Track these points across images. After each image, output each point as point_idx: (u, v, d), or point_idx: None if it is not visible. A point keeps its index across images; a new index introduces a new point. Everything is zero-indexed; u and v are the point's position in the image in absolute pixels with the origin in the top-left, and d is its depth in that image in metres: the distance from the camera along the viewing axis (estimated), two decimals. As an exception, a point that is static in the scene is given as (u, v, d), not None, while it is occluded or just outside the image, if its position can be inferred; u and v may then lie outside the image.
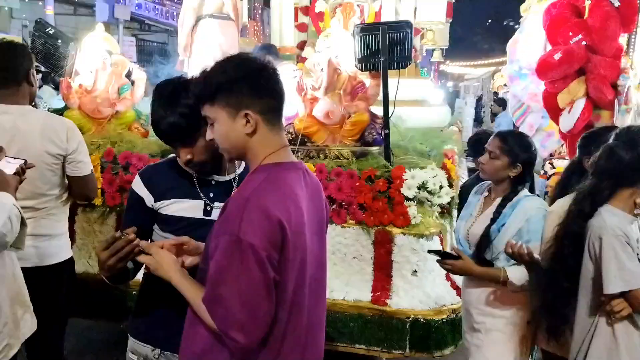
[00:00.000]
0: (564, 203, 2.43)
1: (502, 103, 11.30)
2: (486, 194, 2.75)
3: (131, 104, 4.31)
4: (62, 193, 2.71)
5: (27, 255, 2.42)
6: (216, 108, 1.57)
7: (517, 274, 2.43)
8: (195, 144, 1.86)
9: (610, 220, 2.16)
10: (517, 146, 2.58)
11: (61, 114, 3.67)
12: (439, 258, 2.58)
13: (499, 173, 2.60)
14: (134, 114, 4.33)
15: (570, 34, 3.64)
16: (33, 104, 2.76)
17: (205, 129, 1.66)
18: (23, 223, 2.00)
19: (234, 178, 2.02)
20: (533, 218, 2.46)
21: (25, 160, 2.15)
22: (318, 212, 1.71)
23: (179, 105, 1.82)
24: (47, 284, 2.61)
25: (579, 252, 2.23)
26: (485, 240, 2.54)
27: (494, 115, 12.07)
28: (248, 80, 1.56)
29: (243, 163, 2.06)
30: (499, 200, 2.61)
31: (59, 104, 4.57)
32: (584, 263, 2.22)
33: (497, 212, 2.55)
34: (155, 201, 1.96)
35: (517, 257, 2.35)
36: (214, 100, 1.57)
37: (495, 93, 15.79)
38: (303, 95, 3.80)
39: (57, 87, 5.83)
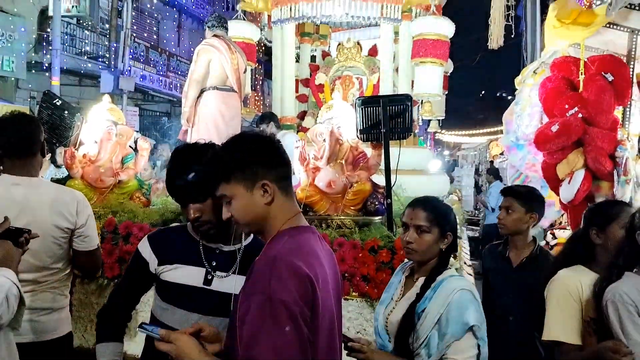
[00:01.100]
0: (570, 274, 2.41)
1: (494, 172, 11.43)
2: (407, 273, 2.31)
3: (134, 174, 4.35)
4: (65, 267, 2.66)
5: (24, 330, 2.29)
6: (233, 185, 1.62)
7: None
8: (205, 202, 1.93)
9: (625, 286, 2.14)
10: (443, 212, 2.23)
11: (63, 184, 3.69)
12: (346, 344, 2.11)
13: (431, 249, 2.17)
14: (137, 183, 4.36)
15: (567, 106, 3.73)
16: None
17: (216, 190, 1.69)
18: (22, 302, 1.93)
19: (239, 249, 2.02)
20: (453, 304, 2.01)
21: (29, 231, 2.13)
22: (335, 277, 1.71)
23: (195, 164, 1.92)
24: None
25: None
26: (404, 329, 2.09)
27: (489, 184, 12.18)
28: (261, 153, 1.64)
29: (251, 235, 2.07)
30: (421, 280, 2.17)
31: (51, 175, 4.59)
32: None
33: (419, 295, 2.11)
34: (158, 264, 1.99)
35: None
36: (229, 178, 1.62)
37: (492, 162, 15.97)
38: (305, 165, 3.85)
39: (51, 159, 5.87)
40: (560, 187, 3.76)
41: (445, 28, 6.19)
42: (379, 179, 3.74)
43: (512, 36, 11.51)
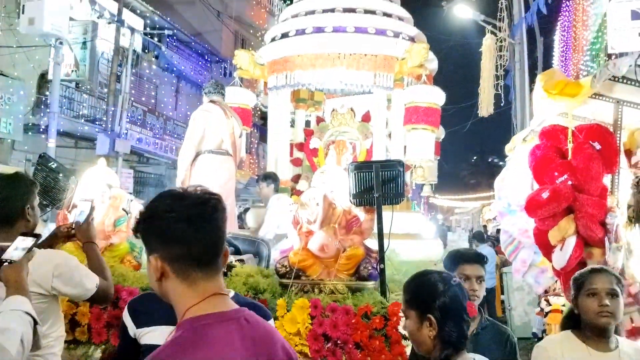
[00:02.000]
0: (554, 339, 2.44)
1: (478, 236, 11.48)
2: None
3: (126, 237, 4.33)
4: (50, 330, 2.58)
5: None
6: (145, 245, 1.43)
7: None
8: None
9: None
10: (417, 290, 1.89)
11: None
12: None
13: (418, 338, 1.84)
14: (128, 246, 4.33)
15: (556, 174, 3.79)
16: None
17: None
18: (36, 322, 1.95)
19: None
20: None
21: (39, 235, 2.14)
22: None
23: None
24: None
25: None
26: None
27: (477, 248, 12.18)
28: (159, 222, 1.37)
29: (232, 290, 2.05)
30: None
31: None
32: None
33: None
34: (137, 328, 1.99)
35: None
36: (135, 232, 1.45)
37: (485, 226, 16.00)
38: (298, 229, 3.85)
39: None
40: (553, 254, 3.77)
41: (436, 96, 6.37)
42: (372, 244, 3.74)
43: (502, 104, 11.86)
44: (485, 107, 11.54)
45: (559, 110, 4.13)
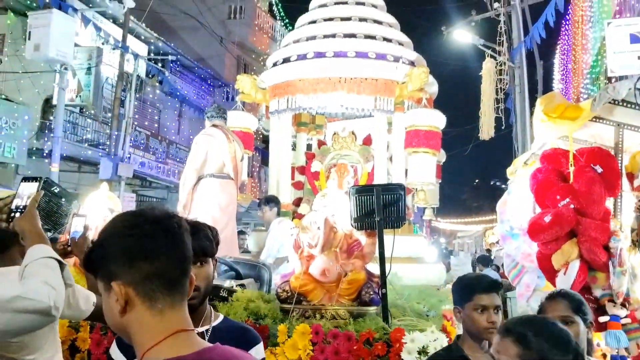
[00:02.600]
0: None
1: (482, 260, 11.38)
2: None
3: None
4: (44, 356, 2.54)
5: None
6: (98, 279, 1.28)
7: None
8: None
9: None
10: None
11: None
12: None
13: None
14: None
15: (558, 197, 3.79)
16: None
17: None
18: (61, 263, 1.96)
19: (207, 330, 1.94)
20: None
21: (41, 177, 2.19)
22: None
23: None
24: None
25: None
26: None
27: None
28: (114, 242, 1.24)
29: (221, 315, 2.01)
30: None
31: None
32: None
33: None
34: None
35: None
36: (88, 262, 1.30)
37: (488, 250, 15.90)
38: (300, 253, 3.83)
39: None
40: (557, 278, 3.74)
41: (437, 120, 6.40)
42: (374, 268, 3.71)
43: (503, 127, 11.92)
44: (486, 130, 11.60)
45: (559, 134, 4.14)
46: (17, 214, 2.09)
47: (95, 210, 4.25)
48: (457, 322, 2.37)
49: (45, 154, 13.41)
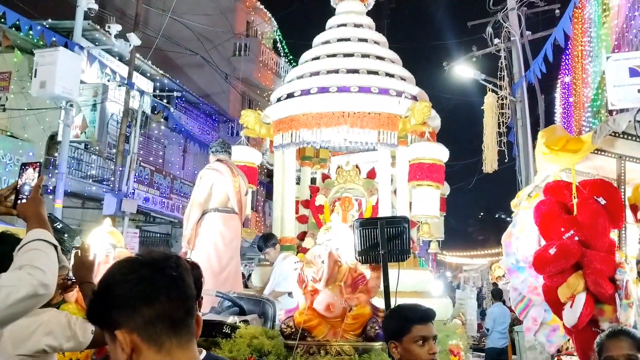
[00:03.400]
0: None
1: (497, 294, 11.26)
2: None
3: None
4: None
5: None
6: (103, 329, 1.26)
7: None
8: None
9: None
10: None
11: (58, 307, 3.62)
12: None
13: None
14: (132, 306, 4.28)
15: (562, 229, 3.77)
16: None
17: None
18: (56, 247, 1.98)
19: None
20: None
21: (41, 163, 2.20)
22: None
23: None
24: None
25: None
26: None
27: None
28: (114, 290, 1.22)
29: (204, 351, 1.98)
30: None
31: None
32: None
33: None
34: None
35: None
36: (93, 314, 1.28)
37: (495, 284, 15.74)
38: (304, 287, 3.81)
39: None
40: (563, 312, 3.70)
41: (440, 153, 6.43)
42: (380, 302, 3.68)
43: (506, 160, 11.95)
44: (490, 163, 11.63)
45: (561, 166, 4.15)
46: (24, 200, 2.12)
47: (97, 246, 4.25)
48: (395, 358, 2.29)
49: (49, 190, 13.46)
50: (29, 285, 1.85)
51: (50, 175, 13.80)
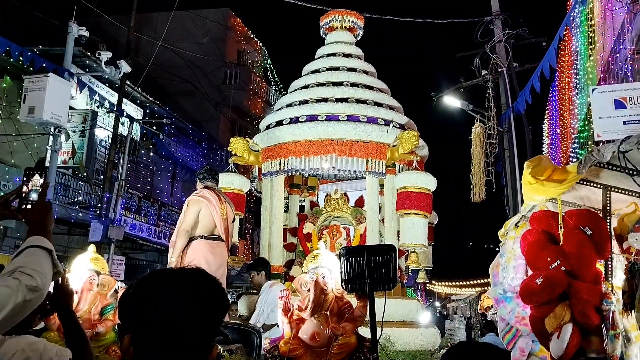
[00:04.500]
0: None
1: (489, 326, 11.16)
2: None
3: (112, 325, 4.21)
4: None
5: None
6: None
7: None
8: None
9: None
10: None
11: (39, 336, 3.54)
12: None
13: None
14: (114, 335, 4.21)
15: (549, 259, 3.77)
16: None
17: None
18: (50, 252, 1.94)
19: None
20: None
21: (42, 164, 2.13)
22: None
23: None
24: None
25: None
26: None
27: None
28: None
29: None
30: None
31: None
32: None
33: None
34: None
35: None
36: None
37: (483, 314, 15.66)
38: (289, 316, 3.76)
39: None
40: (550, 342, 3.67)
41: (428, 182, 6.46)
42: (366, 332, 3.64)
43: (494, 190, 12.01)
44: (478, 193, 11.68)
45: (548, 196, 4.17)
46: (29, 205, 2.12)
47: (81, 272, 4.19)
48: None
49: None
50: (19, 292, 1.83)
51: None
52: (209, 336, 1.24)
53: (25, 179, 2.21)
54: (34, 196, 2.15)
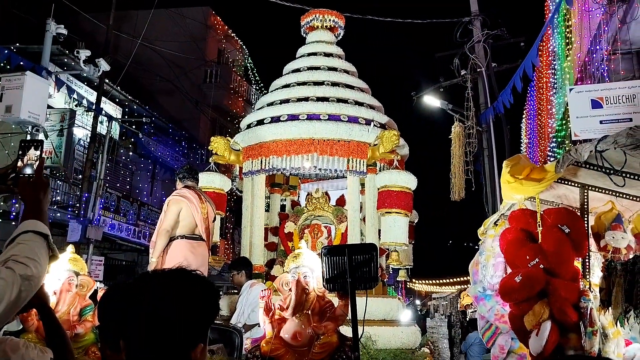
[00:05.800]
0: None
1: (473, 324, 11.27)
2: None
3: (91, 326, 4.16)
4: None
5: None
6: None
7: None
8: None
9: None
10: None
11: (17, 337, 3.49)
12: None
13: None
14: (93, 336, 4.16)
15: (527, 257, 3.82)
16: None
17: None
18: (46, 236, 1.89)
19: None
20: None
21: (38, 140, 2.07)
22: None
23: None
24: None
25: None
26: None
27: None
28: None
29: None
30: None
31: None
32: None
33: None
34: None
35: None
36: None
37: (463, 312, 15.80)
38: (270, 316, 3.75)
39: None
40: (529, 340, 3.72)
41: (408, 181, 6.49)
42: (348, 331, 3.65)
43: (474, 189, 12.12)
44: (457, 191, 11.78)
45: (526, 195, 4.22)
46: (26, 179, 2.05)
47: (59, 273, 4.13)
48: None
49: (12, 216, 13.09)
50: (14, 284, 1.77)
51: (14, 201, 13.45)
52: (196, 334, 1.23)
53: (20, 152, 2.12)
54: (29, 171, 2.06)
